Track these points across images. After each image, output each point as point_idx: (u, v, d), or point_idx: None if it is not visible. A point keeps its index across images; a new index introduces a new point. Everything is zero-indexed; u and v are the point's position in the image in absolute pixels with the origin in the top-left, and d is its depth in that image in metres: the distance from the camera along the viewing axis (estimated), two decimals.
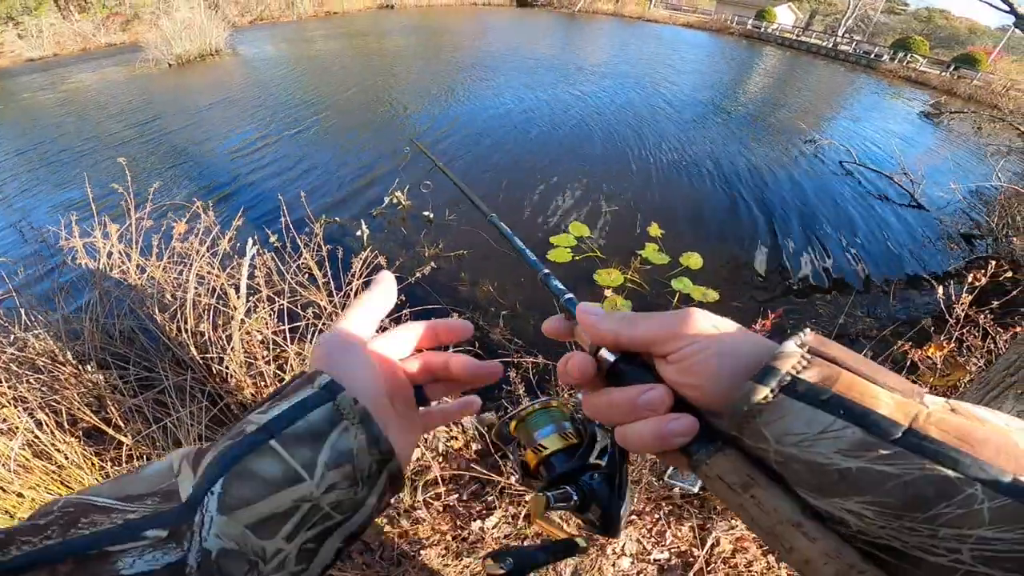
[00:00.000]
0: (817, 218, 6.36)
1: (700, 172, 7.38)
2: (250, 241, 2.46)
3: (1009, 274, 2.71)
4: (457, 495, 2.08)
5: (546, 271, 0.42)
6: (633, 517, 1.94)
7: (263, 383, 2.26)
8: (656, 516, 1.95)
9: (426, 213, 5.34)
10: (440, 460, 2.16)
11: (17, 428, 1.67)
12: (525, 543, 1.86)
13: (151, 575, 0.25)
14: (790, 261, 5.18)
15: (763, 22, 31.80)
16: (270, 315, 2.52)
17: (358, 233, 4.72)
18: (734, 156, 8.20)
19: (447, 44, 18.37)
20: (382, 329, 0.43)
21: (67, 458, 1.76)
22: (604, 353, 0.34)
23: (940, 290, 2.61)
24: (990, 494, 0.22)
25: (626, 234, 5.34)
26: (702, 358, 0.30)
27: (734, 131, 9.76)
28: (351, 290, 2.58)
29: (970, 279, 2.32)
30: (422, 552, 1.81)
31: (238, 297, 2.38)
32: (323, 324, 2.50)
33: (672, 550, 1.86)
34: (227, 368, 2.26)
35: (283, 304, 2.50)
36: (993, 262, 2.41)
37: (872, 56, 25.46)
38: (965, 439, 0.24)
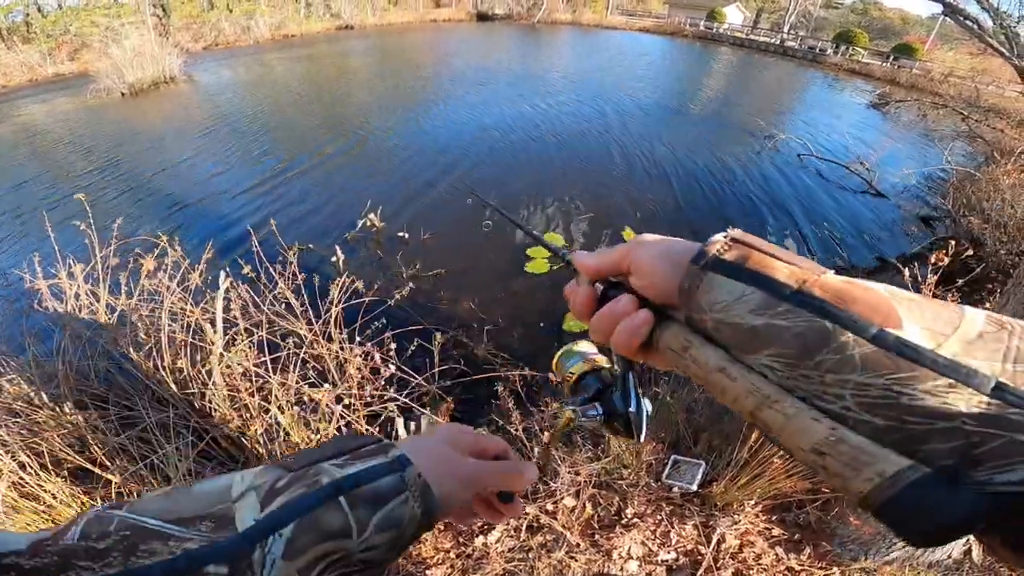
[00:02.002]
0: (782, 210, 6.56)
1: (667, 173, 7.55)
2: (222, 274, 2.39)
3: (970, 252, 2.83)
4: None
5: (565, 250, 0.50)
6: (635, 520, 1.95)
7: (248, 415, 2.20)
8: (658, 517, 1.96)
9: (401, 234, 5.30)
10: None
11: (0, 471, 1.63)
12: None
13: None
14: None
15: (715, 23, 32.84)
16: (250, 347, 2.45)
17: (333, 259, 4.64)
18: (699, 155, 8.42)
19: (418, 62, 18.37)
20: None
21: (55, 497, 1.73)
22: (598, 285, 0.41)
23: (906, 272, 2.67)
24: (860, 342, 0.26)
25: (601, 240, 5.42)
26: (647, 260, 0.36)
27: (699, 131, 10.02)
28: (330, 317, 2.53)
29: (933, 260, 2.38)
30: (428, 572, 1.78)
31: (215, 331, 2.31)
32: (304, 352, 2.44)
33: (678, 549, 1.87)
34: (210, 403, 2.20)
35: (263, 335, 2.44)
36: (953, 242, 2.50)
37: (817, 51, 26.51)
38: (842, 298, 0.28)
